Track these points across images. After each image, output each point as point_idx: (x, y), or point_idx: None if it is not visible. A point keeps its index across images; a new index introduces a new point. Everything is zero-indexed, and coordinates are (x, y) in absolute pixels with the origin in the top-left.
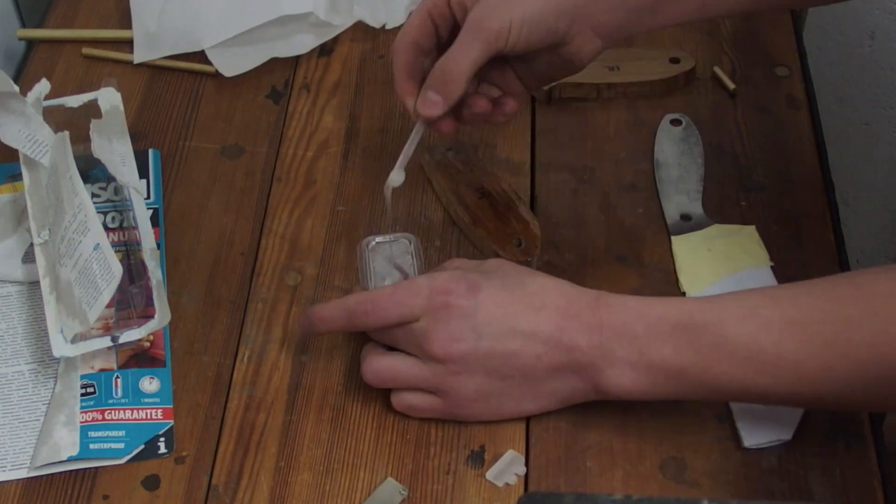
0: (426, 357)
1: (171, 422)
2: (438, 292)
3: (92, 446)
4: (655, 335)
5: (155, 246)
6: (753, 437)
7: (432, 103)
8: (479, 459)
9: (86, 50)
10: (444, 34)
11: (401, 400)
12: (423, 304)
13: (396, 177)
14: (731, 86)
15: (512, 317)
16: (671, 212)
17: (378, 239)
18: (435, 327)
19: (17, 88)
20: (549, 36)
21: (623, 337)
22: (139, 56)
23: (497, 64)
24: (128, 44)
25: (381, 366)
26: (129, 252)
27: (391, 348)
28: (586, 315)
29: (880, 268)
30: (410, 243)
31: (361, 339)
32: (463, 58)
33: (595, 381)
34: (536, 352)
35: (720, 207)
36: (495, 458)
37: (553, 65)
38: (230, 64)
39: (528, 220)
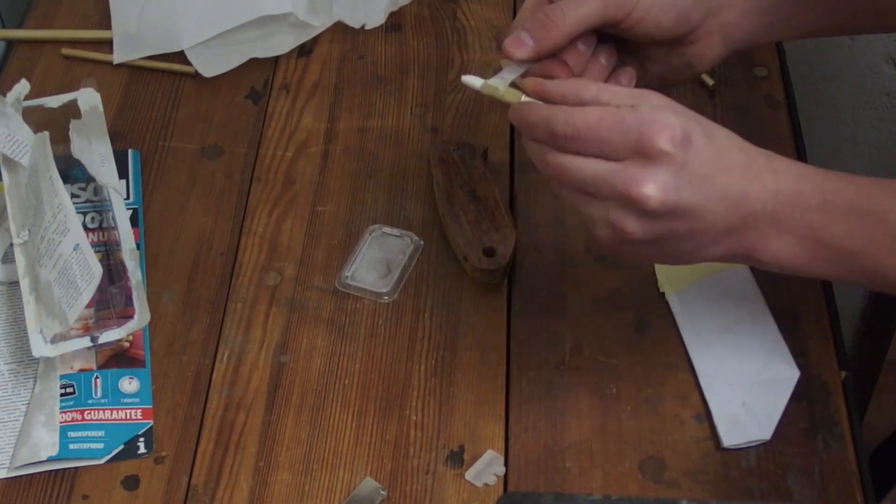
0: (625, 201)
1: (151, 422)
2: (650, 137)
3: (71, 446)
4: (830, 210)
5: (134, 246)
6: (732, 437)
7: (520, 44)
8: (458, 459)
9: (65, 50)
10: None
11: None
12: (630, 147)
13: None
14: (710, 82)
15: (709, 177)
16: None
17: (385, 229)
18: (643, 172)
19: None
20: (680, 23)
21: (796, 207)
22: (119, 56)
23: (612, 52)
24: (107, 44)
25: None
26: (108, 252)
27: None
28: (766, 178)
29: None
30: (411, 242)
31: (340, 341)
32: (572, 12)
33: (751, 246)
34: (721, 211)
35: None
36: (474, 459)
37: (670, 66)
38: (210, 64)
39: (507, 232)
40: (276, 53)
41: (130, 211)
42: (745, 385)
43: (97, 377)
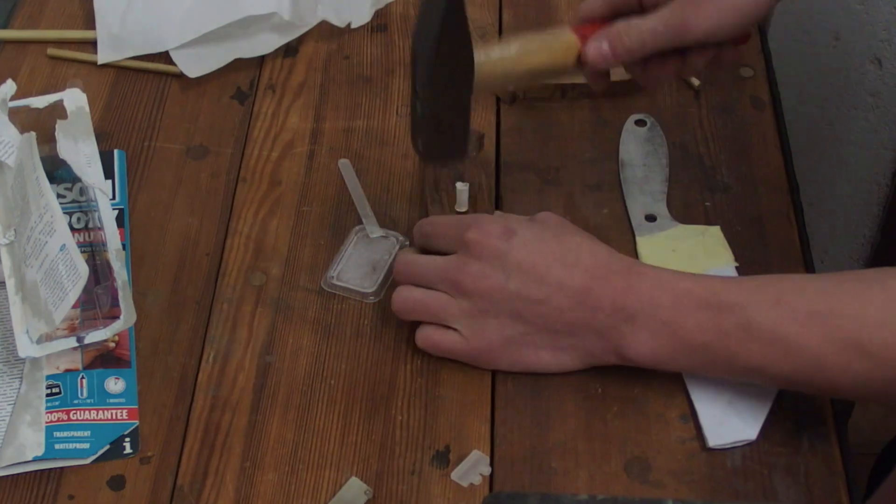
0: (456, 291)
1: (137, 422)
2: (476, 230)
3: (57, 446)
4: (681, 307)
5: (120, 246)
6: (718, 438)
7: (601, 53)
8: (443, 459)
9: (51, 51)
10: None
11: (426, 336)
12: (461, 237)
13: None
14: (696, 83)
15: (542, 266)
16: (636, 212)
17: (369, 229)
18: (467, 261)
19: None
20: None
21: (648, 305)
22: (103, 57)
23: None
24: (93, 44)
25: (412, 295)
26: (94, 253)
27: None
28: (616, 279)
29: None
30: (397, 242)
31: (326, 341)
32: (650, 39)
33: (616, 343)
34: (561, 304)
35: (685, 208)
36: (460, 459)
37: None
38: (194, 65)
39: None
40: (260, 53)
41: (116, 211)
42: (731, 385)
43: (83, 377)
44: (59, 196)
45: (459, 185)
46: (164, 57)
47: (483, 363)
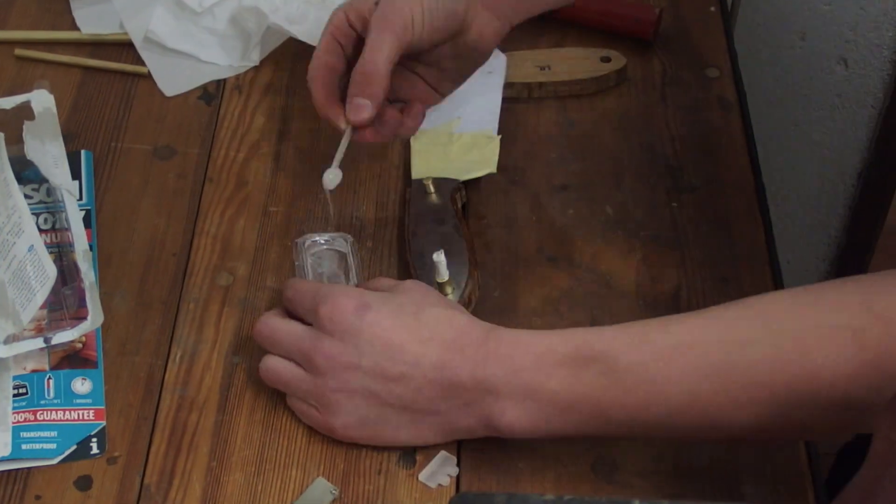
0: (310, 367)
1: (104, 422)
2: (329, 305)
3: (24, 447)
4: (542, 367)
5: (87, 247)
6: None
7: (360, 107)
8: (410, 460)
9: (19, 51)
10: (350, 52)
11: (290, 404)
12: (315, 310)
13: (333, 177)
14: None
15: (396, 344)
16: None
17: (314, 237)
18: (321, 337)
19: None
20: (451, 20)
21: (508, 371)
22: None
23: (406, 75)
24: (60, 45)
25: (274, 366)
26: (61, 253)
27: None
28: (472, 350)
29: (771, 293)
30: (345, 242)
31: None
32: (378, 56)
33: (483, 417)
34: (417, 384)
35: (651, 209)
36: (427, 459)
37: (460, 57)
38: (171, 83)
39: (465, 269)
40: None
41: (83, 212)
42: None
43: (50, 378)
44: (26, 197)
45: (436, 255)
46: (132, 56)
47: (341, 438)
